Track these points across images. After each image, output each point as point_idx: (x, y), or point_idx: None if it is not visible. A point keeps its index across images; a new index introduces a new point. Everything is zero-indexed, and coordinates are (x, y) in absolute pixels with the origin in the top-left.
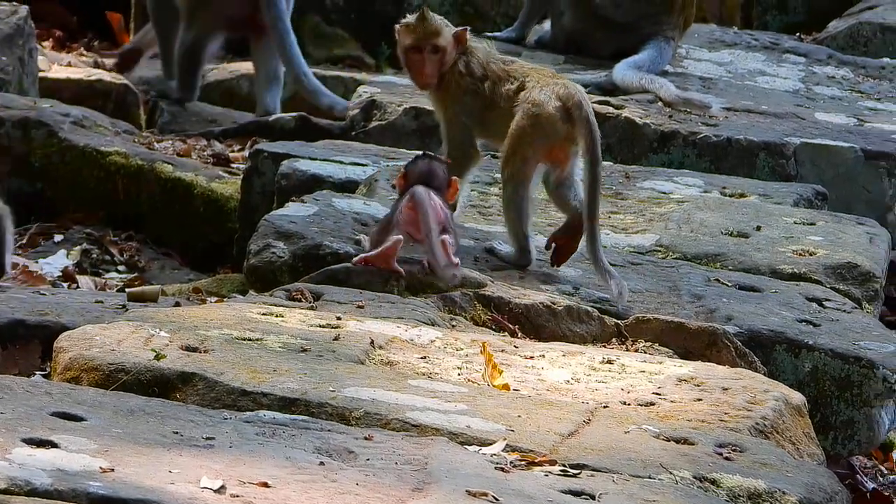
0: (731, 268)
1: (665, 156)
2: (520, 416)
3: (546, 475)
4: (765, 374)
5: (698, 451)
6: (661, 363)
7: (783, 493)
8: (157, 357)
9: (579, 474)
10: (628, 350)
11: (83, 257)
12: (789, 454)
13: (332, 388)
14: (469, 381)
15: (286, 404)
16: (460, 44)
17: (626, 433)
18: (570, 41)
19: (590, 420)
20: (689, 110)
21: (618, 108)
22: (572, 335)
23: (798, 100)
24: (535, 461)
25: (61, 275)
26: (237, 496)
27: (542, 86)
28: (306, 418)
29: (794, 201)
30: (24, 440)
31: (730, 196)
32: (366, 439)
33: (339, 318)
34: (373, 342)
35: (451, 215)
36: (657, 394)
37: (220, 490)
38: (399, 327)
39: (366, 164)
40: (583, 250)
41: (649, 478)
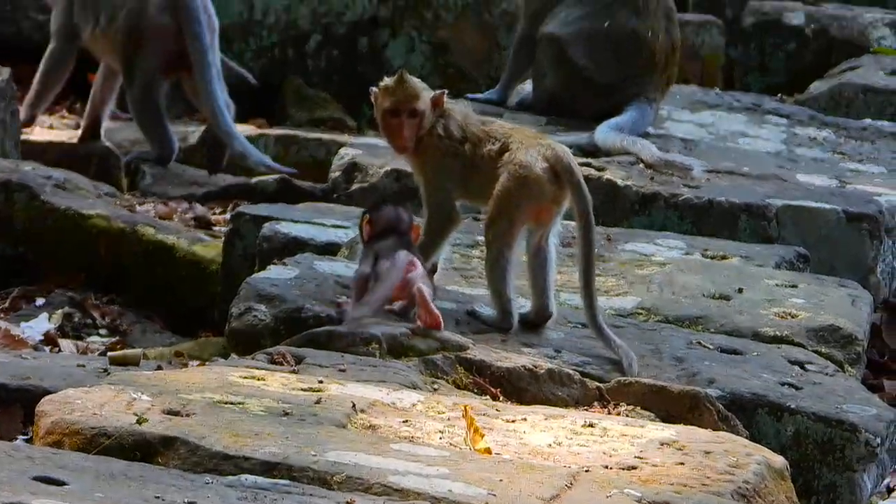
0: (713, 330)
1: (647, 218)
2: (502, 481)
3: None
4: (747, 438)
5: None
6: (643, 427)
7: None
8: (139, 421)
9: None
10: (610, 413)
11: (65, 321)
12: None
13: (313, 453)
14: (451, 445)
15: (268, 468)
16: (438, 107)
17: (608, 497)
18: (552, 102)
19: (572, 484)
20: (670, 172)
21: (600, 169)
22: (554, 398)
23: (780, 161)
24: None
25: (43, 338)
26: None
27: (526, 147)
28: (288, 482)
29: (775, 263)
30: None
31: (711, 258)
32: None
33: (320, 382)
34: (354, 406)
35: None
36: (639, 457)
37: None
38: (381, 391)
39: (347, 227)
40: (566, 314)
41: None
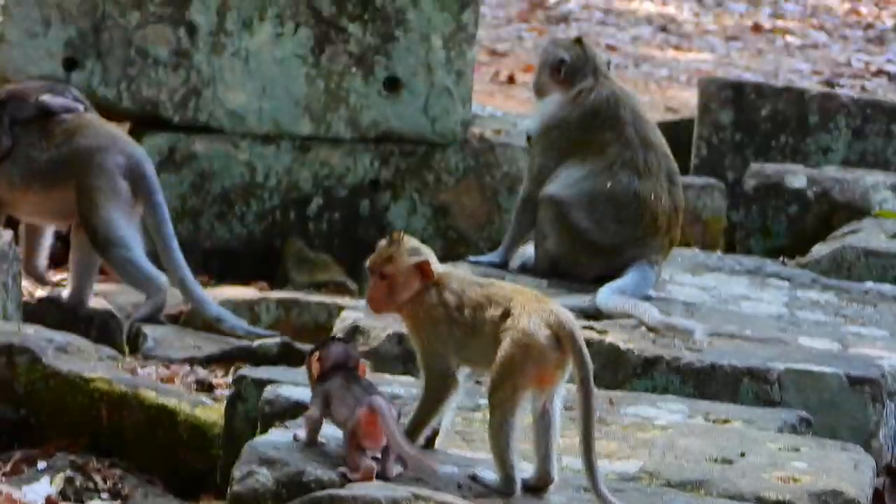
0: (715, 494)
1: (649, 381)
2: None
3: None
4: None
5: None
6: None
7: None
8: None
9: None
10: None
11: (67, 485)
12: None
13: None
14: None
15: None
16: (425, 276)
17: None
18: (554, 265)
19: None
20: (672, 336)
21: (601, 332)
22: None
23: (782, 324)
24: None
25: (45, 502)
26: None
27: (529, 312)
28: None
29: (778, 427)
30: None
31: (714, 422)
32: None
33: None
34: None
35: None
36: None
37: None
38: None
39: None
40: (568, 478)
41: None
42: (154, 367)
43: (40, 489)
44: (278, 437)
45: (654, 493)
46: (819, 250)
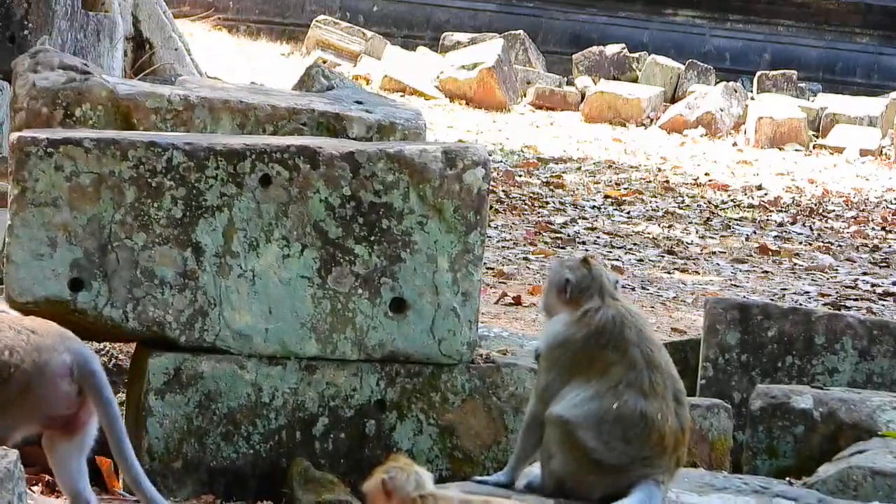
0: None
1: None
2: None
3: None
4: None
5: None
6: None
7: None
8: None
9: None
10: None
11: None
12: None
13: None
14: None
15: None
16: (387, 494)
17: None
18: (560, 484)
19: None
20: None
21: None
22: None
23: None
24: None
25: None
26: None
27: None
28: None
29: None
30: None
31: None
32: None
33: None
34: None
35: None
36: None
37: None
38: None
39: None
40: None
41: None
42: None
43: None
44: None
45: None
46: (825, 470)
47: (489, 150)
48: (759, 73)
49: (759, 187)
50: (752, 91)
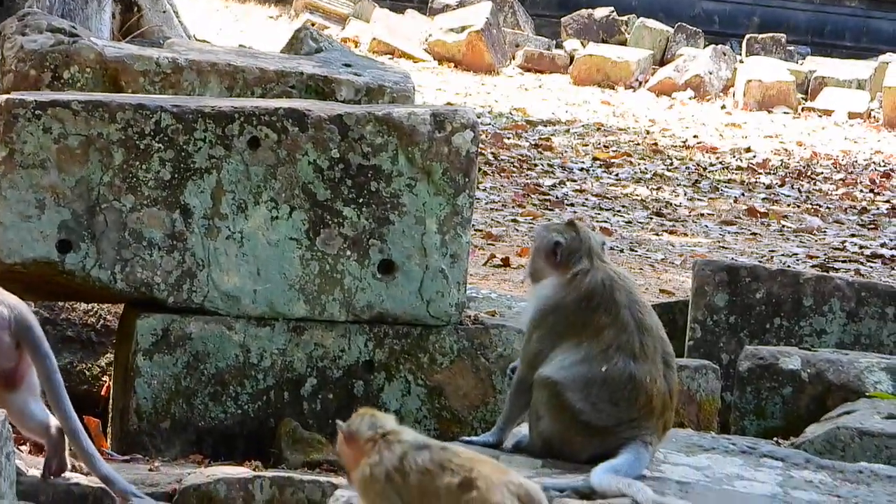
0: None
1: None
2: None
3: None
4: None
5: None
6: None
7: None
8: None
9: None
10: None
11: None
12: None
13: None
14: None
15: None
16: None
17: None
18: (548, 445)
19: None
20: None
21: None
22: None
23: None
24: None
25: None
26: None
27: (495, 483)
28: None
29: None
30: None
31: None
32: None
33: None
34: None
35: None
36: None
37: None
38: None
39: None
40: None
41: None
42: None
43: None
44: None
45: None
46: (813, 431)
47: (478, 113)
48: (748, 36)
49: (748, 150)
50: (740, 54)
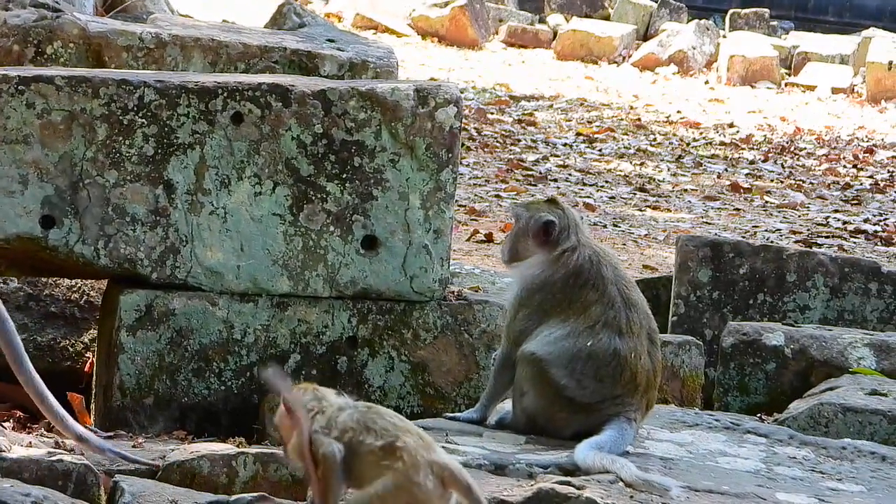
0: None
1: None
2: None
3: None
4: None
5: None
6: None
7: None
8: None
9: None
10: None
11: None
12: None
13: None
14: None
15: None
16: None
17: None
18: (532, 421)
19: None
20: (650, 492)
21: (579, 488)
22: None
23: (759, 480)
24: None
25: None
26: None
27: (418, 462)
28: None
29: None
30: None
31: None
32: None
33: None
34: None
35: None
36: None
37: None
38: None
39: None
40: None
41: None
42: None
43: None
44: None
45: None
46: (797, 407)
47: (461, 88)
48: (731, 11)
49: (731, 125)
50: (724, 29)
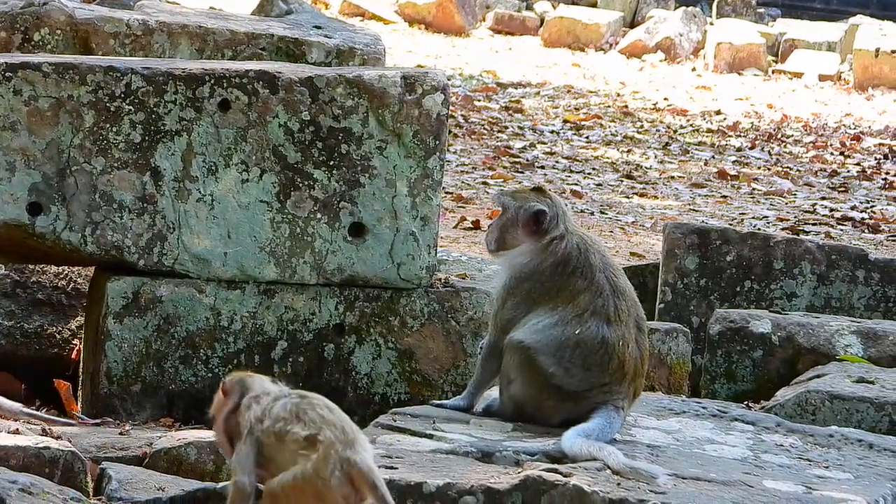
0: None
1: None
2: None
3: None
4: None
5: None
6: None
7: None
8: None
9: None
10: None
11: None
12: None
13: None
14: None
15: None
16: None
17: None
18: (519, 409)
19: None
20: (637, 479)
21: (566, 475)
22: None
23: (746, 468)
24: None
25: None
26: None
27: (331, 456)
28: None
29: None
30: None
31: None
32: None
33: None
34: None
35: None
36: None
37: None
38: None
39: None
40: None
41: None
42: None
43: None
44: None
45: None
46: (784, 394)
47: (448, 75)
48: None
49: (718, 112)
50: (711, 16)
